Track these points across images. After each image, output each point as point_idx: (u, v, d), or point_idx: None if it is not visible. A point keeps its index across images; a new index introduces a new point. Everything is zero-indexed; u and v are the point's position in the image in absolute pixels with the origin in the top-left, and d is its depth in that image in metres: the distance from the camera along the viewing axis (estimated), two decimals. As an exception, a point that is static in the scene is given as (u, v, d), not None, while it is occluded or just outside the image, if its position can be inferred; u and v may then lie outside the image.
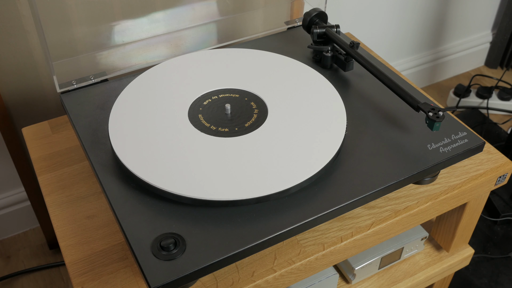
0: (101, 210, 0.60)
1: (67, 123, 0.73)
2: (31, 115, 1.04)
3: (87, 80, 0.69)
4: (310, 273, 0.58)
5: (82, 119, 0.63)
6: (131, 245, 0.49)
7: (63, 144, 0.69)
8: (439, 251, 0.77)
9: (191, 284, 0.52)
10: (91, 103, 0.66)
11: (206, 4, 0.78)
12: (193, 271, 0.47)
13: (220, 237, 0.50)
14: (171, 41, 0.77)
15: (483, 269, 1.09)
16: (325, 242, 0.57)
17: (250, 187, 0.52)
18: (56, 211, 0.60)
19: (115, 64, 0.72)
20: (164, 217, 0.51)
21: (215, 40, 0.79)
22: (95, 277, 0.53)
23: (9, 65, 0.96)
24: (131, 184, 0.55)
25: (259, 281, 0.54)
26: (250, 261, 0.56)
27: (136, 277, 0.54)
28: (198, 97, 0.65)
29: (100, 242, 0.57)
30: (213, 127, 0.60)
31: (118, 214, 0.51)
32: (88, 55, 0.71)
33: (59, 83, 0.68)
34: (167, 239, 0.48)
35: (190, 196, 0.51)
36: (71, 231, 0.58)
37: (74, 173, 0.65)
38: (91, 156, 0.58)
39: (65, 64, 0.68)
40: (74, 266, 0.54)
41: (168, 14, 0.76)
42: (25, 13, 0.91)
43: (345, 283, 0.73)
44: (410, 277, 0.74)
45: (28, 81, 1.00)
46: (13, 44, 0.94)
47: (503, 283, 1.06)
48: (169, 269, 0.47)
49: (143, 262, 0.47)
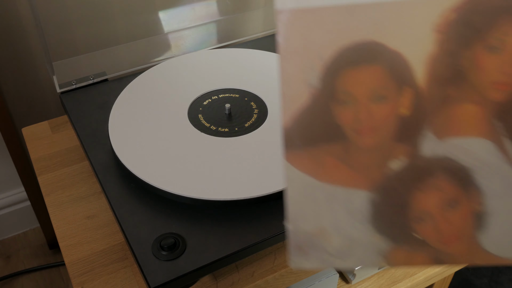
0: (101, 210, 0.60)
1: (67, 123, 0.73)
2: (31, 115, 1.04)
3: (87, 80, 0.69)
4: (310, 273, 0.58)
5: (82, 119, 0.63)
6: (131, 245, 0.49)
7: (63, 144, 0.69)
8: (439, 251, 0.77)
9: (191, 284, 0.52)
10: (91, 103, 0.66)
11: (206, 4, 0.78)
12: (193, 271, 0.47)
13: (220, 237, 0.50)
14: (171, 41, 0.77)
15: (483, 269, 1.09)
16: (325, 242, 0.57)
17: (250, 187, 0.52)
18: (56, 211, 0.60)
19: (115, 64, 0.72)
20: (164, 217, 0.51)
21: (215, 40, 0.79)
22: (95, 277, 0.53)
23: (9, 65, 0.96)
24: (131, 184, 0.55)
25: (259, 281, 0.54)
26: (250, 261, 0.56)
27: (136, 277, 0.54)
28: (197, 97, 0.65)
29: (100, 242, 0.57)
30: (213, 127, 0.60)
31: (118, 214, 0.51)
32: (88, 55, 0.71)
33: (59, 83, 0.68)
34: (167, 239, 0.49)
35: (190, 196, 0.51)
36: (71, 231, 0.58)
37: (74, 173, 0.65)
38: (91, 156, 0.58)
39: (65, 64, 0.68)
40: (74, 266, 0.54)
41: (168, 14, 0.76)
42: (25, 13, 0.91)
43: (345, 283, 0.73)
44: (410, 277, 0.74)
45: (28, 81, 1.00)
46: (13, 44, 0.94)
47: (503, 283, 1.06)
48: (169, 269, 0.47)
49: (143, 262, 0.47)
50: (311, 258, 0.32)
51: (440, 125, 0.30)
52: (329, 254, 0.32)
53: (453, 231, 0.32)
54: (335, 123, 0.30)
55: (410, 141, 0.30)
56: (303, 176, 0.31)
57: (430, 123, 0.30)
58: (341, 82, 0.29)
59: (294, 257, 0.32)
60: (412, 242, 0.32)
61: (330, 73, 0.29)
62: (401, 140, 0.30)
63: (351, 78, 0.29)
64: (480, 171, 0.30)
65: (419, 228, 0.32)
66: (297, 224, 0.31)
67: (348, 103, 0.29)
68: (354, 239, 0.32)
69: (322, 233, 0.32)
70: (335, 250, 0.32)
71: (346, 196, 0.31)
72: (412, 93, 0.29)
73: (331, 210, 0.31)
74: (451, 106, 0.30)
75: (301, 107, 0.29)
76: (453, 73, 0.29)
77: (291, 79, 0.29)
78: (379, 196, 0.31)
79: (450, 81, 0.29)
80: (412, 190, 0.31)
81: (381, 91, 0.29)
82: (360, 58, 0.28)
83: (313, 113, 0.29)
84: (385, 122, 0.30)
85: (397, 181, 0.31)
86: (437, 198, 0.31)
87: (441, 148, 0.30)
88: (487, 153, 0.30)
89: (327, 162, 0.31)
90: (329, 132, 0.30)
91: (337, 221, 0.31)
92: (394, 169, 0.31)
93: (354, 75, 0.29)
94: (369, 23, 0.28)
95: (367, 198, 0.31)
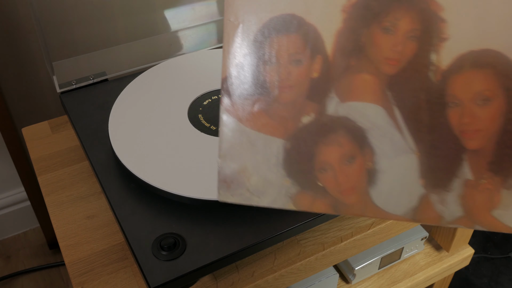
0: (101, 210, 0.60)
1: (67, 123, 0.73)
2: (31, 115, 1.04)
3: (87, 80, 0.69)
4: (310, 273, 0.58)
5: (82, 119, 0.63)
6: (131, 245, 0.49)
7: (63, 144, 0.69)
8: (439, 251, 0.77)
9: (191, 284, 0.52)
10: (91, 103, 0.66)
11: (206, 4, 0.78)
12: (193, 271, 0.47)
13: (220, 237, 0.50)
14: (171, 41, 0.77)
15: (483, 269, 1.09)
16: (325, 242, 0.57)
17: (250, 187, 0.52)
18: (56, 211, 0.60)
19: (115, 64, 0.72)
20: (164, 217, 0.51)
21: (215, 40, 0.79)
22: (95, 277, 0.53)
23: (9, 65, 0.96)
24: (131, 184, 0.55)
25: (259, 281, 0.54)
26: (250, 261, 0.56)
27: (136, 277, 0.54)
28: (197, 97, 0.65)
29: (100, 242, 0.57)
30: (213, 127, 0.60)
31: (118, 214, 0.51)
32: (88, 55, 0.71)
33: (59, 83, 0.68)
34: (167, 239, 0.48)
35: (190, 196, 0.51)
36: (71, 231, 0.58)
37: (74, 173, 0.65)
38: (91, 156, 0.58)
39: (65, 64, 0.68)
40: (74, 266, 0.54)
41: (168, 14, 0.76)
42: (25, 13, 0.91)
43: (345, 283, 0.73)
44: (410, 277, 0.74)
45: (28, 81, 1.00)
46: (13, 44, 0.94)
47: (503, 283, 1.06)
48: (169, 269, 0.47)
49: (143, 262, 0.47)
50: (235, 193, 0.37)
51: (343, 89, 0.35)
52: (248, 191, 0.37)
53: (349, 183, 0.36)
54: (262, 79, 0.35)
55: (319, 100, 0.35)
56: (234, 121, 0.36)
57: (335, 87, 0.35)
58: (268, 46, 0.35)
59: (221, 190, 0.37)
60: (315, 188, 0.36)
61: (259, 38, 0.35)
62: (312, 98, 0.35)
63: (276, 44, 0.35)
64: (373, 133, 0.35)
65: (321, 177, 0.36)
66: (226, 160, 0.36)
67: (272, 63, 0.35)
68: (269, 180, 0.36)
69: (244, 171, 0.37)
70: (253, 187, 0.37)
71: (265, 141, 0.36)
72: (322, 60, 0.35)
73: (253, 152, 0.36)
74: (352, 75, 0.35)
75: (238, 63, 0.35)
76: (354, 47, 0.35)
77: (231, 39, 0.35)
78: (291, 145, 0.36)
79: (352, 54, 0.35)
80: (318, 142, 0.36)
81: (298, 56, 0.35)
82: (283, 28, 0.34)
83: (246, 69, 0.35)
84: (300, 81, 0.35)
85: (306, 133, 0.36)
86: (337, 152, 0.36)
87: (343, 109, 0.35)
88: (378, 117, 0.35)
89: (253, 111, 0.36)
90: (257, 87, 0.35)
91: (257, 163, 0.36)
92: (305, 122, 0.36)
93: (278, 41, 0.35)
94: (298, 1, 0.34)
95: (282, 145, 0.36)
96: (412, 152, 0.35)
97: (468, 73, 0.34)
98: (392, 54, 0.34)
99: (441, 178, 0.35)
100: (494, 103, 0.34)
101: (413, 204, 0.36)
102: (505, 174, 0.34)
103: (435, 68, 0.34)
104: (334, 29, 0.34)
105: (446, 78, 0.34)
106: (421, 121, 0.34)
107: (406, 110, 0.35)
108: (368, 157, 0.36)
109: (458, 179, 0.35)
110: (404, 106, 0.35)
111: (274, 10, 0.34)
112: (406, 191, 0.35)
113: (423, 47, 0.34)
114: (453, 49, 0.33)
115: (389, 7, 0.34)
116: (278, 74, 0.35)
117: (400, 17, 0.34)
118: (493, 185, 0.35)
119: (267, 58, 0.35)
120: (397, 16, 0.34)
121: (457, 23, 0.33)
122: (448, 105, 0.34)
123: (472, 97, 0.34)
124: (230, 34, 0.35)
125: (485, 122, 0.34)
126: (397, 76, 0.34)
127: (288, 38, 0.35)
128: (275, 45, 0.35)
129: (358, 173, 0.36)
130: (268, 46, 0.35)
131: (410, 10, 0.33)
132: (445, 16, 0.33)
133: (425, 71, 0.34)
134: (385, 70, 0.35)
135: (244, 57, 0.35)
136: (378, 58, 0.35)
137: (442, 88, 0.34)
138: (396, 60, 0.34)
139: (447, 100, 0.34)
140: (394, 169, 0.35)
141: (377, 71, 0.35)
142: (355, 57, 0.35)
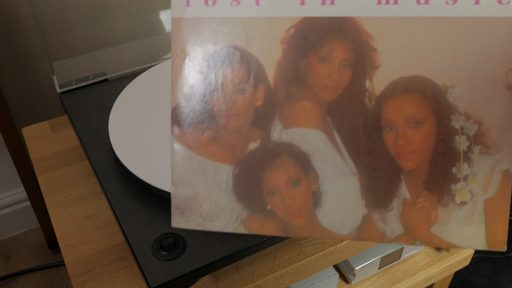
0: (101, 210, 0.60)
1: (67, 123, 0.73)
2: (31, 115, 1.04)
3: (87, 80, 0.69)
4: (310, 273, 0.58)
5: (82, 119, 0.63)
6: (131, 245, 0.49)
7: (63, 144, 0.69)
8: (439, 251, 0.77)
9: (191, 284, 0.52)
10: (91, 103, 0.66)
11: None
12: (193, 271, 0.47)
13: (220, 237, 0.50)
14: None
15: (483, 269, 1.09)
16: (325, 242, 0.57)
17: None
18: (56, 211, 0.60)
19: (115, 64, 0.72)
20: (164, 217, 0.51)
21: (215, 40, 0.79)
22: (95, 277, 0.53)
23: (9, 65, 0.96)
24: (131, 184, 0.55)
25: (259, 281, 0.54)
26: (250, 261, 0.56)
27: (136, 277, 0.54)
28: (198, 97, 0.65)
29: (100, 242, 0.57)
30: (213, 127, 0.60)
31: (118, 214, 0.51)
32: (88, 55, 0.71)
33: (59, 83, 0.68)
34: (167, 239, 0.48)
35: (190, 196, 0.51)
36: (71, 231, 0.58)
37: (74, 173, 0.65)
38: (91, 156, 0.58)
39: (65, 64, 0.68)
40: (74, 266, 0.54)
41: (168, 14, 0.76)
42: (25, 13, 0.91)
43: (345, 283, 0.73)
44: (410, 277, 0.74)
45: (28, 81, 1.00)
46: (13, 44, 0.94)
47: (503, 283, 1.06)
48: (169, 269, 0.47)
49: (143, 262, 0.47)
50: (188, 219, 0.38)
51: (285, 116, 0.37)
52: (201, 216, 0.38)
53: (296, 206, 0.38)
54: (209, 108, 0.37)
55: (264, 127, 0.37)
56: (184, 149, 0.38)
57: (279, 114, 0.37)
58: (214, 76, 0.37)
59: (175, 217, 0.38)
60: (264, 212, 0.38)
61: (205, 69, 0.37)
62: (257, 125, 0.37)
63: (221, 74, 0.37)
64: (316, 157, 0.37)
65: (269, 200, 0.38)
66: (178, 188, 0.38)
67: (218, 92, 0.37)
68: (220, 205, 0.38)
69: (196, 197, 0.38)
70: (205, 213, 0.38)
71: (215, 168, 0.38)
72: (265, 89, 0.37)
73: (204, 179, 0.38)
74: (293, 102, 0.37)
75: (186, 93, 0.37)
76: (294, 76, 0.37)
77: (179, 70, 0.37)
78: (239, 170, 0.38)
79: (292, 82, 0.37)
80: (265, 167, 0.37)
81: (242, 85, 0.37)
82: (227, 59, 0.36)
83: (194, 98, 0.37)
84: (245, 109, 0.37)
85: (253, 159, 0.37)
86: (283, 176, 0.37)
87: (286, 135, 0.37)
88: (320, 142, 0.37)
89: (203, 139, 0.38)
90: (205, 116, 0.37)
91: (208, 189, 0.38)
92: (252, 149, 0.37)
93: (223, 71, 0.37)
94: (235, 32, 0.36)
95: (231, 171, 0.38)
96: (353, 174, 0.37)
97: (400, 98, 0.36)
98: (329, 82, 0.36)
99: (381, 198, 0.37)
100: (426, 126, 0.36)
101: (357, 224, 0.37)
102: (440, 192, 0.36)
103: (369, 94, 0.36)
104: (275, 59, 0.36)
105: (380, 104, 0.36)
106: (359, 144, 0.37)
107: (345, 134, 0.37)
108: (312, 180, 0.37)
109: (397, 198, 0.37)
110: (343, 131, 0.37)
111: (218, 42, 0.36)
112: (350, 211, 0.37)
113: (358, 75, 0.36)
114: (385, 76, 0.36)
115: (324, 38, 0.36)
116: (225, 103, 0.37)
117: (335, 47, 0.36)
118: (429, 203, 0.37)
119: (214, 88, 0.37)
120: (332, 46, 0.36)
121: (387, 52, 0.35)
122: (383, 128, 0.36)
123: (405, 120, 0.36)
124: (178, 65, 0.37)
125: (418, 144, 0.36)
126: (335, 103, 0.37)
127: (232, 68, 0.37)
128: (220, 76, 0.37)
129: (304, 196, 0.37)
130: (214, 77, 0.37)
131: (343, 40, 0.35)
132: (376, 45, 0.35)
133: (361, 97, 0.36)
134: (324, 97, 0.37)
135: (192, 87, 0.37)
136: (316, 86, 0.36)
137: (377, 113, 0.36)
138: (333, 88, 0.36)
139: (382, 124, 0.36)
140: (337, 191, 0.37)
141: (316, 98, 0.37)
142: (295, 85, 0.37)
